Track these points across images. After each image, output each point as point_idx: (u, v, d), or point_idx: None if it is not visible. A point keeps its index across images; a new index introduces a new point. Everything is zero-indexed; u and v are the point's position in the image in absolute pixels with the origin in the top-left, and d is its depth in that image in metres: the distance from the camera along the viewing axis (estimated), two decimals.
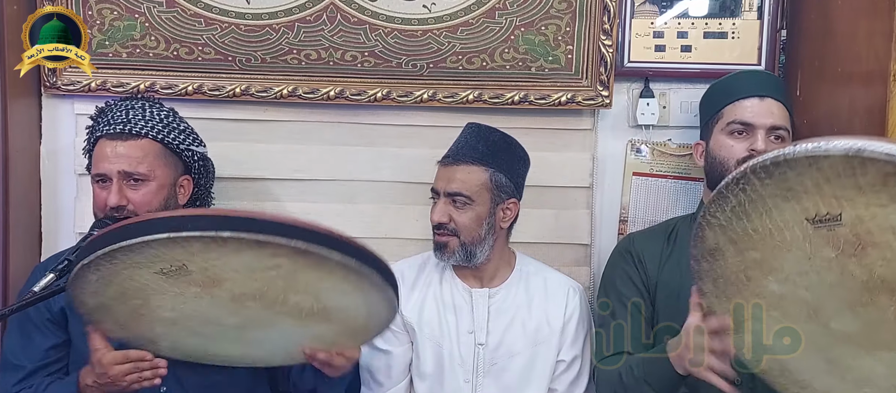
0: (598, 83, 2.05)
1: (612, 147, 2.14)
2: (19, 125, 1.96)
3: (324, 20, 1.99)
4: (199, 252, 1.22)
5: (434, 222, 1.81)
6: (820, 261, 1.16)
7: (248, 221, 1.21)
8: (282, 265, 1.26)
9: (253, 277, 1.28)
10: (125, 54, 2.00)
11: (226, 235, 1.19)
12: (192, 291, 1.30)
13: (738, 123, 1.73)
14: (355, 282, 1.33)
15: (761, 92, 1.76)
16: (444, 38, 2.01)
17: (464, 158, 1.80)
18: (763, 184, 1.14)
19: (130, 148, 1.66)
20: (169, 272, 1.26)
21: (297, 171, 2.10)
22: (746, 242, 1.22)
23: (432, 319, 1.85)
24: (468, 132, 1.85)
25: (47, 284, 1.40)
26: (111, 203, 1.63)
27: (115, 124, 1.67)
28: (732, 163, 1.71)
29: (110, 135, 1.67)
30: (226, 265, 1.25)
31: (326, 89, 2.04)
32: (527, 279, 1.90)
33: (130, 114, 1.69)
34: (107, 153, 1.66)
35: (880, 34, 1.71)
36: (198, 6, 1.98)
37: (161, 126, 1.70)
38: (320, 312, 1.38)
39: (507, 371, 1.83)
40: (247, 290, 1.31)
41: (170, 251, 1.22)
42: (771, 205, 1.15)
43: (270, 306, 1.35)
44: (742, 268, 1.26)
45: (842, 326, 1.22)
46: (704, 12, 2.09)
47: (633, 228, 2.12)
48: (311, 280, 1.30)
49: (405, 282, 1.90)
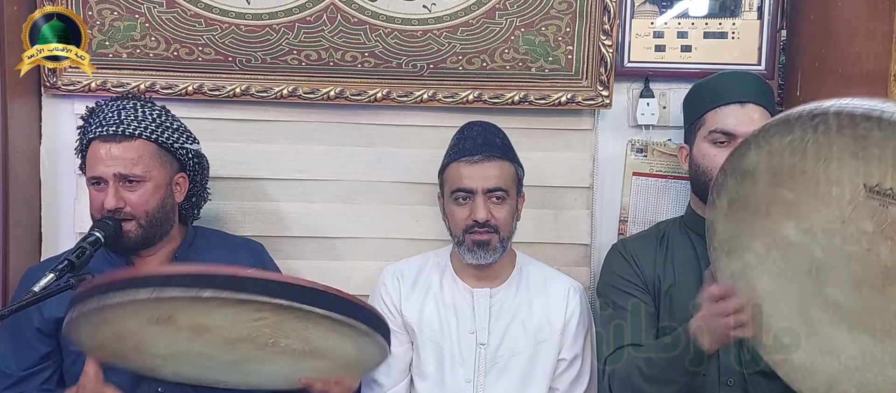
0: (598, 83, 2.05)
1: (613, 147, 2.14)
2: (19, 125, 1.96)
3: (324, 21, 1.99)
4: (184, 307, 1.24)
5: (481, 220, 1.76)
6: (853, 229, 1.13)
7: (229, 279, 1.22)
8: (266, 317, 1.27)
9: (241, 325, 1.29)
10: (125, 55, 2.00)
11: (206, 295, 1.20)
12: (184, 335, 1.32)
13: (719, 132, 1.71)
14: (342, 331, 1.34)
15: (742, 98, 1.72)
16: (444, 39, 2.01)
17: (493, 154, 1.79)
18: (841, 132, 1.08)
19: (125, 149, 1.64)
20: (159, 321, 1.27)
21: (297, 172, 2.10)
22: (788, 179, 1.18)
23: (433, 320, 1.85)
24: (478, 129, 1.85)
25: (47, 284, 1.40)
26: (108, 206, 1.62)
27: (107, 125, 1.65)
28: (715, 173, 1.70)
29: (103, 136, 1.65)
30: (212, 318, 1.27)
31: (326, 89, 2.04)
32: (527, 278, 1.90)
33: (122, 114, 1.67)
34: (101, 155, 1.64)
35: (880, 35, 1.71)
36: (198, 7, 1.98)
37: (154, 126, 1.69)
38: (312, 352, 1.39)
39: (508, 371, 1.83)
40: (236, 336, 1.32)
41: (157, 306, 1.23)
42: (836, 155, 1.10)
43: (262, 348, 1.36)
44: (767, 200, 1.23)
45: (837, 296, 1.20)
46: (704, 12, 2.09)
47: (634, 227, 2.12)
48: (299, 328, 1.32)
49: (405, 283, 1.90)
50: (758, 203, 1.25)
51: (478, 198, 1.77)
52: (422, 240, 2.10)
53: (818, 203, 1.15)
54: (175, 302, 1.22)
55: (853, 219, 1.12)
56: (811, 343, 1.29)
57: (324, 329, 1.32)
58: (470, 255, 1.80)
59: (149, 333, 1.30)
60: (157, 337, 1.32)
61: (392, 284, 1.90)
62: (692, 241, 1.78)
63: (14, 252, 1.92)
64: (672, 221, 1.89)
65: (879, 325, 1.18)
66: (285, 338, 1.33)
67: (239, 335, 1.32)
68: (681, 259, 1.78)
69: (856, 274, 1.16)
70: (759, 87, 1.76)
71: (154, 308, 1.24)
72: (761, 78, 1.80)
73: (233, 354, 1.38)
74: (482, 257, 1.79)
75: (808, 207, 1.17)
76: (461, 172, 1.79)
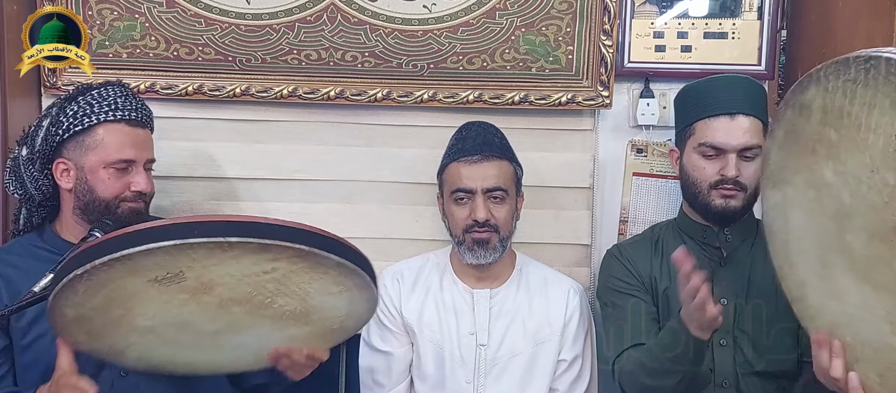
0: (598, 83, 2.05)
1: (613, 147, 2.14)
2: (19, 125, 1.95)
3: (324, 20, 1.99)
4: (200, 259, 1.23)
5: (481, 220, 1.77)
6: (879, 180, 1.12)
7: (253, 226, 1.23)
8: (278, 268, 1.27)
9: (245, 282, 1.29)
10: (125, 55, 2.00)
11: (233, 241, 1.20)
12: (180, 298, 1.31)
13: (708, 146, 1.69)
14: (345, 283, 1.35)
15: (731, 109, 1.68)
16: (444, 39, 2.01)
17: (492, 153, 1.80)
18: (888, 79, 1.08)
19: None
20: (162, 280, 1.26)
21: (297, 172, 2.10)
22: (835, 119, 1.17)
23: (433, 321, 1.85)
24: (477, 129, 1.85)
25: (47, 284, 1.39)
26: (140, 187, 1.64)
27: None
28: (704, 185, 1.70)
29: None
30: (222, 271, 1.26)
31: (326, 89, 2.04)
32: (527, 279, 1.90)
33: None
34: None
35: (880, 35, 1.71)
36: (198, 6, 1.98)
37: None
38: (301, 315, 1.39)
39: (508, 371, 1.83)
40: (235, 295, 1.32)
41: (172, 258, 1.23)
42: (879, 102, 1.10)
43: (254, 311, 1.36)
44: (815, 138, 1.23)
45: (853, 243, 1.21)
46: (704, 12, 2.09)
47: (634, 228, 2.12)
48: (303, 282, 1.32)
49: (404, 283, 1.90)
50: (807, 138, 1.25)
51: (477, 197, 1.77)
52: (422, 240, 2.10)
53: (855, 148, 1.15)
54: (195, 252, 1.21)
55: (881, 169, 1.11)
56: (824, 285, 1.30)
57: (328, 282, 1.33)
58: (470, 254, 1.80)
59: (144, 296, 1.28)
60: (150, 301, 1.30)
61: (392, 285, 1.90)
62: (686, 246, 1.78)
63: None
64: (666, 223, 1.89)
65: (880, 278, 1.18)
66: (284, 295, 1.33)
67: (238, 294, 1.31)
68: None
69: (872, 224, 1.16)
70: (749, 94, 1.72)
71: (168, 263, 1.23)
72: (754, 82, 1.78)
73: (217, 322, 1.37)
74: (482, 257, 1.79)
75: (846, 151, 1.17)
76: (460, 172, 1.79)
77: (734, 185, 1.66)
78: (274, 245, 1.22)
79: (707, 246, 1.75)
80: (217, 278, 1.28)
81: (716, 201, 1.68)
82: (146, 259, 1.22)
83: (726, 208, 1.68)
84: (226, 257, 1.23)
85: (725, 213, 1.69)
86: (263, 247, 1.22)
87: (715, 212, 1.69)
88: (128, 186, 1.63)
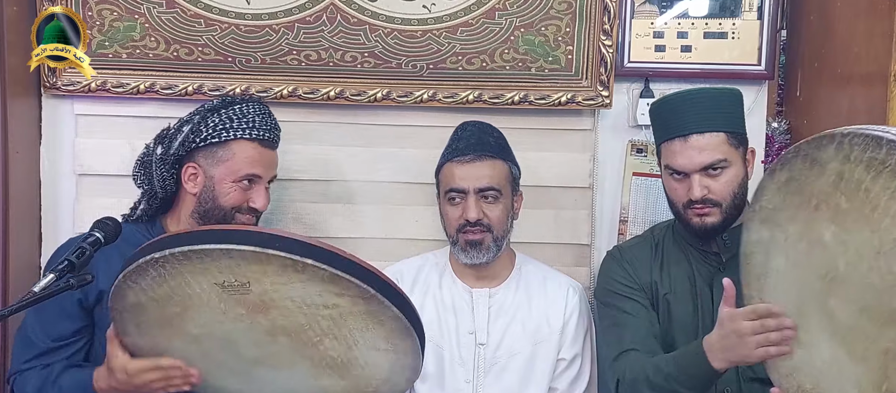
0: (598, 83, 2.05)
1: (613, 147, 2.14)
2: (19, 125, 1.96)
3: (324, 21, 1.99)
4: (271, 274, 1.25)
5: (472, 219, 1.77)
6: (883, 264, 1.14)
7: (330, 254, 1.25)
8: (339, 306, 1.30)
9: (304, 310, 1.31)
10: (125, 55, 2.00)
11: (308, 263, 1.22)
12: (237, 312, 1.32)
13: (671, 169, 1.69)
14: (394, 343, 1.37)
15: (682, 131, 1.66)
16: (443, 39, 2.01)
17: (486, 153, 1.79)
18: None
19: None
20: (228, 287, 1.28)
21: (296, 172, 2.10)
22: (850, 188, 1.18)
23: (432, 321, 1.85)
24: (472, 129, 1.85)
25: (47, 284, 1.39)
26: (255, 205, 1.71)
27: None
28: (679, 206, 1.70)
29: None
30: (287, 292, 1.28)
31: (326, 90, 2.04)
32: (526, 278, 1.90)
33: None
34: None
35: (880, 34, 1.71)
36: (198, 7, 1.98)
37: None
38: (342, 365, 1.40)
39: (507, 371, 1.83)
40: (289, 324, 1.33)
41: (246, 266, 1.25)
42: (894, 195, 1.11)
43: (299, 348, 1.37)
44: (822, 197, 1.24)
45: (837, 309, 1.24)
46: (704, 12, 2.09)
47: (634, 228, 2.12)
48: (356, 328, 1.34)
49: (404, 283, 1.90)
50: (812, 194, 1.26)
51: (470, 197, 1.77)
52: (421, 240, 2.10)
53: (865, 225, 1.16)
54: (268, 264, 1.23)
55: (888, 256, 1.13)
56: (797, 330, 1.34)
57: (381, 335, 1.35)
58: (463, 254, 1.81)
59: (205, 298, 1.30)
60: (207, 308, 1.31)
61: None
62: (686, 252, 1.78)
63: (14, 252, 1.92)
64: (666, 225, 1.88)
65: (861, 351, 1.21)
66: (334, 339, 1.35)
67: (291, 323, 1.32)
68: (675, 270, 1.77)
69: (865, 301, 1.18)
70: (704, 109, 1.67)
71: (240, 268, 1.25)
72: (716, 92, 1.73)
73: (260, 350, 1.38)
74: (475, 257, 1.80)
75: (854, 223, 1.18)
76: (454, 172, 1.79)
77: (705, 202, 1.65)
78: (344, 279, 1.25)
79: (706, 253, 1.75)
80: (279, 300, 1.29)
81: (693, 220, 1.68)
82: (221, 259, 1.24)
83: (704, 226, 1.67)
84: (295, 279, 1.25)
85: (704, 230, 1.68)
86: (334, 278, 1.24)
87: (694, 230, 1.69)
88: (246, 200, 1.71)
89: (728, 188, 1.65)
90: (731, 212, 1.67)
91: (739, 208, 1.68)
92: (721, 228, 1.68)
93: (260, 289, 1.28)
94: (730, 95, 1.72)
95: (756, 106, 2.10)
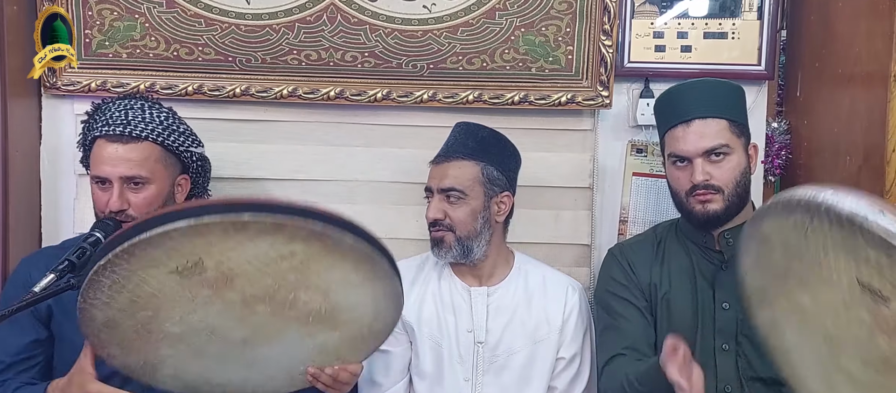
0: (598, 84, 2.05)
1: (613, 147, 2.14)
2: (19, 125, 1.96)
3: (324, 21, 1.99)
4: (217, 242, 1.24)
5: (429, 219, 1.82)
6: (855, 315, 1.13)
7: (266, 204, 1.24)
8: (296, 253, 1.28)
9: (266, 271, 1.29)
10: (125, 55, 2.00)
11: (246, 218, 1.21)
12: (204, 294, 1.31)
13: (675, 156, 1.70)
14: (365, 271, 1.35)
15: (684, 116, 1.68)
16: (444, 39, 2.01)
17: (454, 155, 1.82)
18: (832, 228, 1.08)
19: (131, 151, 1.64)
20: (183, 271, 1.27)
21: (296, 172, 2.10)
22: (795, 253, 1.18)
23: (431, 319, 1.85)
24: (457, 131, 1.87)
25: (47, 284, 1.39)
26: (113, 207, 1.62)
27: (114, 125, 1.65)
28: (682, 194, 1.71)
29: (109, 136, 1.65)
30: (241, 256, 1.27)
31: (326, 90, 2.04)
32: (525, 277, 1.90)
33: (130, 114, 1.67)
34: (106, 155, 1.64)
35: (880, 35, 1.71)
36: (198, 7, 1.98)
37: (161, 128, 1.69)
38: (328, 315, 1.39)
39: (506, 369, 1.83)
40: (258, 289, 1.32)
41: (189, 242, 1.24)
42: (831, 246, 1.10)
43: (279, 311, 1.36)
44: (785, 268, 1.24)
45: (850, 366, 1.22)
46: (704, 12, 2.09)
47: (634, 228, 2.12)
48: (323, 270, 1.32)
49: (404, 282, 1.89)
50: (776, 267, 1.26)
51: (434, 197, 1.82)
52: (421, 240, 2.09)
53: (823, 283, 1.16)
54: (209, 234, 1.22)
55: (853, 306, 1.13)
56: None
57: (348, 270, 1.33)
58: (432, 251, 1.86)
59: (169, 294, 1.29)
60: (175, 301, 1.31)
61: None
62: (688, 249, 1.78)
63: (14, 252, 1.92)
64: (669, 224, 1.88)
65: None
66: (307, 289, 1.34)
67: (260, 288, 1.31)
68: (677, 267, 1.77)
69: (861, 353, 1.18)
70: (705, 96, 1.70)
71: (185, 247, 1.24)
72: (715, 83, 1.75)
73: (244, 327, 1.37)
74: (439, 255, 1.84)
75: (818, 284, 1.18)
76: (430, 173, 1.86)
77: (707, 188, 1.66)
78: (287, 223, 1.23)
79: (708, 250, 1.75)
80: (237, 267, 1.28)
81: (695, 208, 1.69)
82: (163, 244, 1.23)
83: (706, 213, 1.68)
84: (242, 240, 1.24)
85: (707, 217, 1.68)
86: (277, 226, 1.23)
87: (697, 218, 1.70)
88: (107, 205, 1.64)
89: (730, 175, 1.66)
90: (733, 200, 1.67)
91: (742, 200, 1.69)
92: (723, 216, 1.68)
93: (213, 262, 1.27)
94: (732, 87, 1.75)
95: (756, 106, 2.10)
